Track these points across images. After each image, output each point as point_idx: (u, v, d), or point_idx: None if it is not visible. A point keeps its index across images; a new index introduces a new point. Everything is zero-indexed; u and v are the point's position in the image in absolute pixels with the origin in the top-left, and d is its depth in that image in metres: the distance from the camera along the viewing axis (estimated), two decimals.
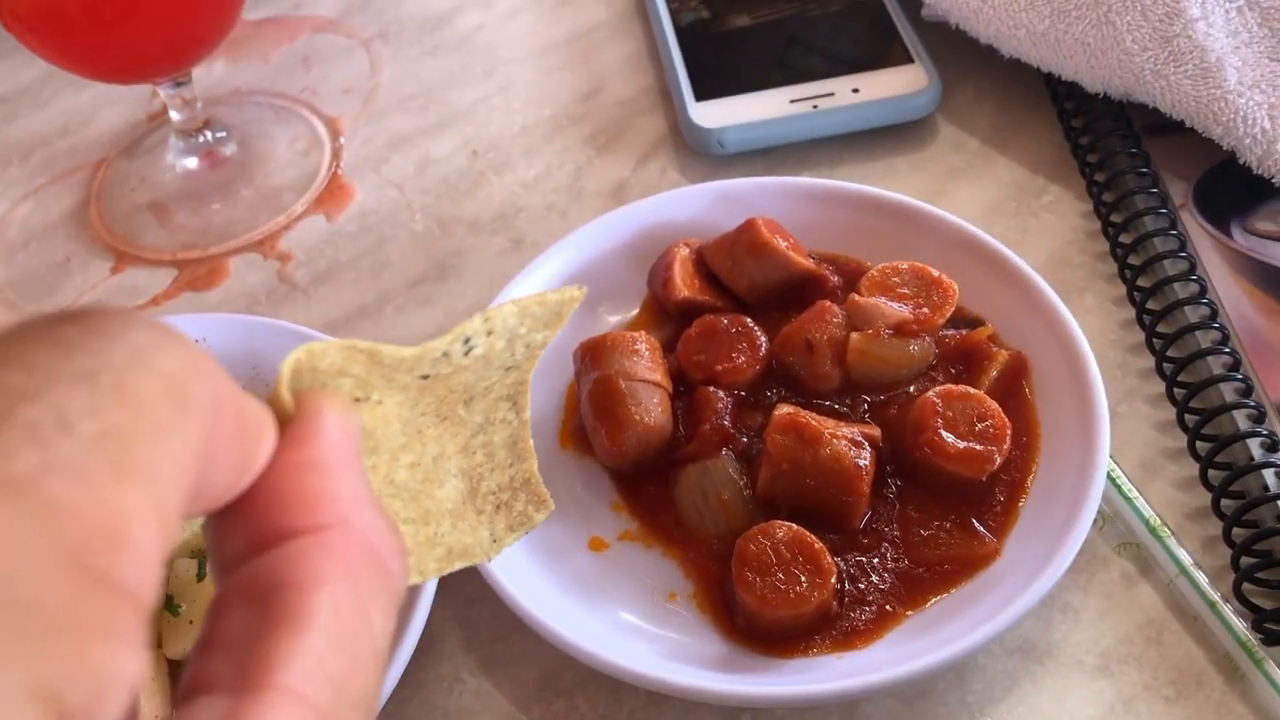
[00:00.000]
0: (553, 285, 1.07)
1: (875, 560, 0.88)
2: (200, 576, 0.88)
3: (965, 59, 1.27)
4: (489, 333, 0.54)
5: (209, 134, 1.27)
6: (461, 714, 0.87)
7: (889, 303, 0.97)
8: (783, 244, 1.02)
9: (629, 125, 1.30)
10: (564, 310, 0.57)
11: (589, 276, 1.08)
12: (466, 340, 0.53)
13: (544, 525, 0.90)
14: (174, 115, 1.25)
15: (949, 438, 0.88)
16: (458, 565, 0.58)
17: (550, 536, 0.92)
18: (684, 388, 0.98)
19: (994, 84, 1.28)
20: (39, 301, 1.20)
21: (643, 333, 0.98)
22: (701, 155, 1.24)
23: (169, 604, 0.88)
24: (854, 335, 0.95)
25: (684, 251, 1.05)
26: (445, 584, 0.90)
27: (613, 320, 1.07)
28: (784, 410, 0.91)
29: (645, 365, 0.96)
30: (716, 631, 0.86)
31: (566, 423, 1.01)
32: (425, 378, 0.53)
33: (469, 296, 1.15)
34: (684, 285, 1.02)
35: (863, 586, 0.87)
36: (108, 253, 1.24)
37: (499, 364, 0.57)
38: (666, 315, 1.05)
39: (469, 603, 0.91)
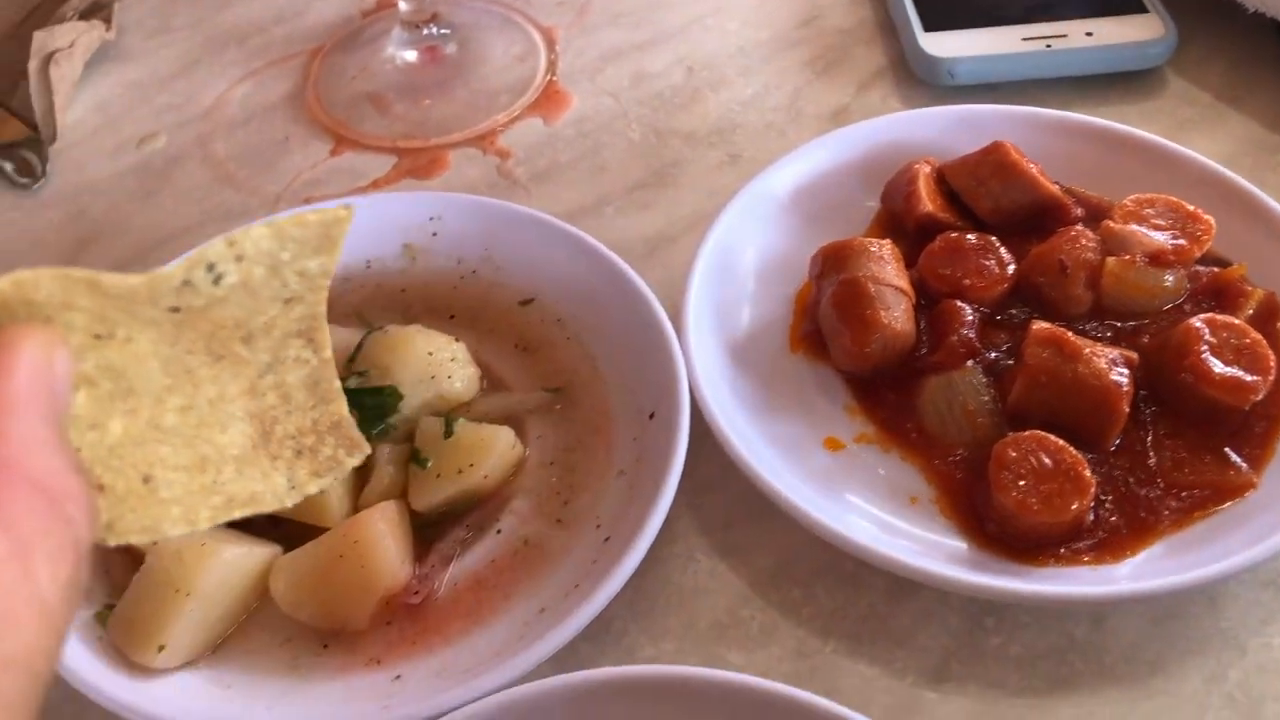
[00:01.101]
0: (779, 199, 1.07)
1: (1130, 480, 0.86)
2: (448, 434, 0.89)
3: (1199, 14, 1.25)
4: (239, 258, 0.51)
5: (433, 29, 1.29)
6: (696, 592, 0.87)
7: (1146, 231, 0.95)
8: (1032, 167, 1.01)
9: (847, 54, 1.29)
10: (333, 232, 0.54)
11: (815, 191, 1.08)
12: (211, 267, 0.50)
13: (777, 422, 0.92)
14: (403, 5, 1.26)
15: (1214, 363, 0.87)
16: (238, 514, 0.55)
17: (784, 433, 0.92)
18: (924, 301, 0.97)
19: (1228, 41, 1.25)
20: (260, 175, 1.22)
21: (888, 240, 0.98)
22: (926, 86, 1.23)
23: (416, 457, 0.89)
24: (1110, 260, 0.94)
25: (926, 169, 1.04)
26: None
27: (837, 236, 1.06)
28: (1042, 325, 0.90)
29: (892, 270, 0.95)
30: (961, 536, 0.85)
31: (796, 327, 1.00)
32: (176, 310, 0.50)
33: (688, 204, 1.15)
34: (929, 200, 1.01)
35: (1113, 504, 0.85)
36: (326, 135, 1.25)
37: (270, 295, 0.54)
38: (901, 232, 1.04)
39: (701, 490, 0.91)
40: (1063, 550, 0.83)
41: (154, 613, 0.80)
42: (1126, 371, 0.87)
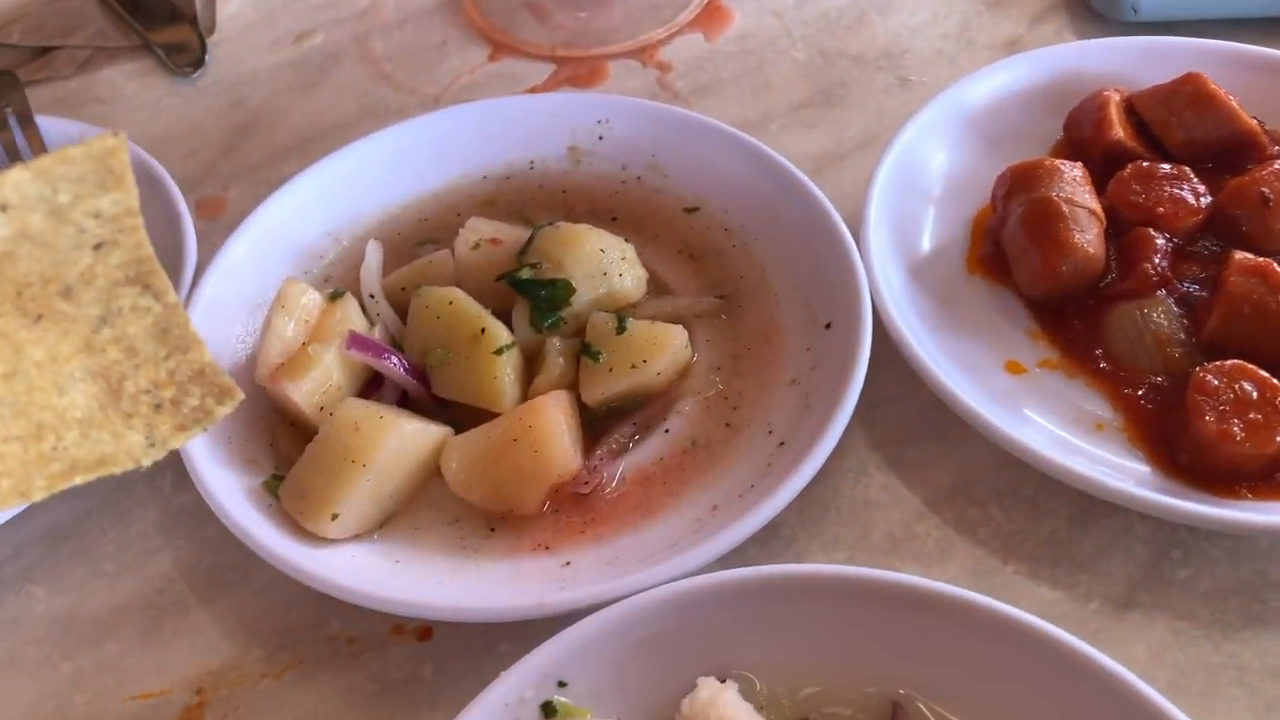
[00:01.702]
0: (959, 121, 1.04)
1: None
2: (620, 330, 0.87)
3: None
4: (2, 207, 0.47)
5: None
6: (869, 505, 0.85)
7: None
8: (1231, 99, 0.97)
9: None
10: (112, 164, 0.49)
11: (995, 115, 1.05)
12: None
13: (957, 342, 0.89)
14: None
15: None
16: (81, 479, 0.51)
17: (964, 353, 0.89)
18: (1112, 229, 0.93)
19: None
20: (418, 76, 1.21)
21: (1079, 163, 0.94)
22: (1102, 21, 1.19)
23: (588, 351, 0.87)
24: None
25: (1116, 96, 1.00)
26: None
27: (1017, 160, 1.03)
28: (1246, 256, 0.86)
29: (1086, 193, 0.92)
30: (1150, 464, 0.82)
31: (974, 249, 0.97)
32: None
33: (856, 125, 1.12)
34: (1120, 127, 0.98)
35: None
36: (484, 41, 1.24)
37: (70, 244, 0.50)
38: (1085, 161, 1.00)
39: (875, 404, 0.88)
40: (1261, 483, 0.80)
41: (328, 482, 0.80)
42: None
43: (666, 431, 0.87)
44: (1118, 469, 0.81)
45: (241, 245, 0.95)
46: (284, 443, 0.87)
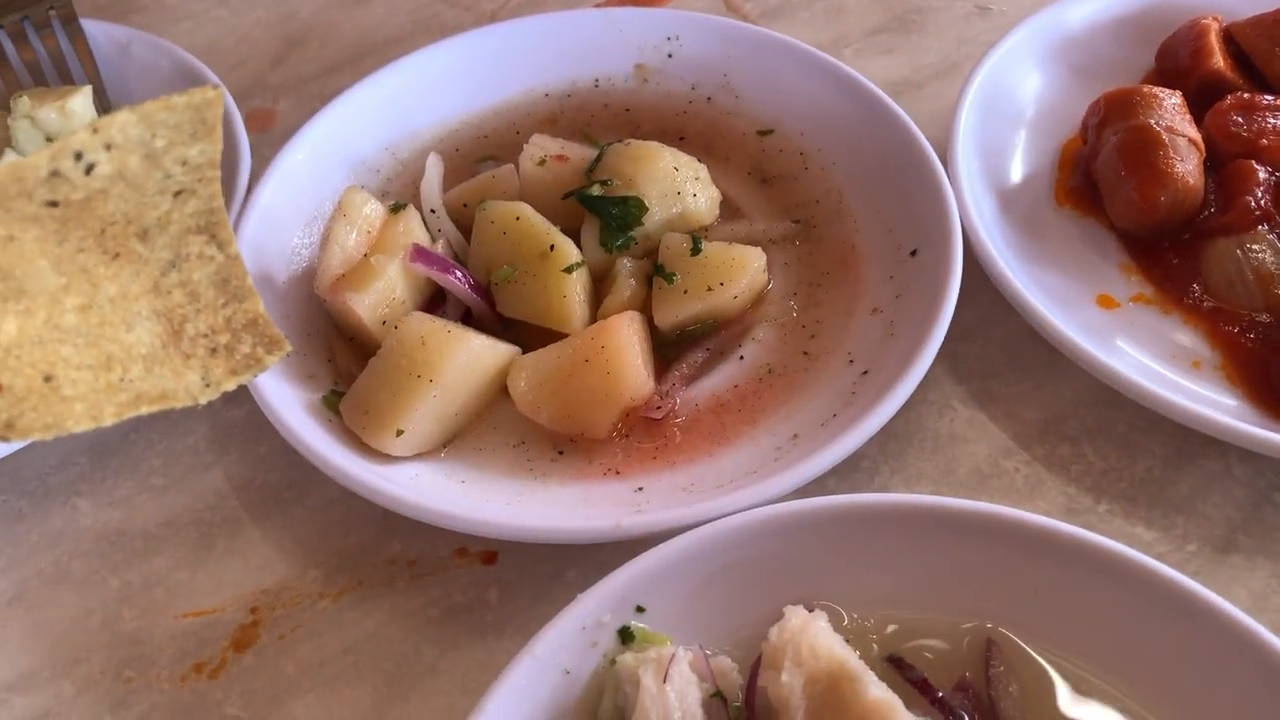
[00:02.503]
0: (1045, 49, 0.99)
1: None
2: (695, 251, 0.83)
3: None
4: (107, 146, 0.49)
5: None
6: (954, 439, 0.81)
7: None
8: None
9: None
10: (206, 115, 0.52)
11: (1082, 44, 1.00)
12: (79, 156, 0.48)
13: (1047, 275, 0.85)
14: None
15: None
16: (146, 410, 0.54)
17: (1054, 286, 0.85)
18: (1210, 161, 0.89)
19: None
20: None
21: (1178, 91, 0.90)
22: None
23: (662, 272, 0.83)
24: None
25: (1215, 25, 0.95)
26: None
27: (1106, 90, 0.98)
28: None
29: (1185, 121, 0.87)
30: (1249, 404, 0.78)
31: (1063, 181, 0.93)
32: (54, 204, 0.49)
33: (934, 52, 1.07)
34: (1220, 55, 0.93)
35: None
36: None
37: (156, 188, 0.52)
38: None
39: (959, 337, 0.84)
40: None
41: (393, 397, 0.76)
42: None
43: (741, 358, 0.83)
44: (1216, 406, 0.77)
45: (297, 155, 0.91)
46: (342, 358, 0.83)
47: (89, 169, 0.49)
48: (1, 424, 0.52)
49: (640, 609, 0.66)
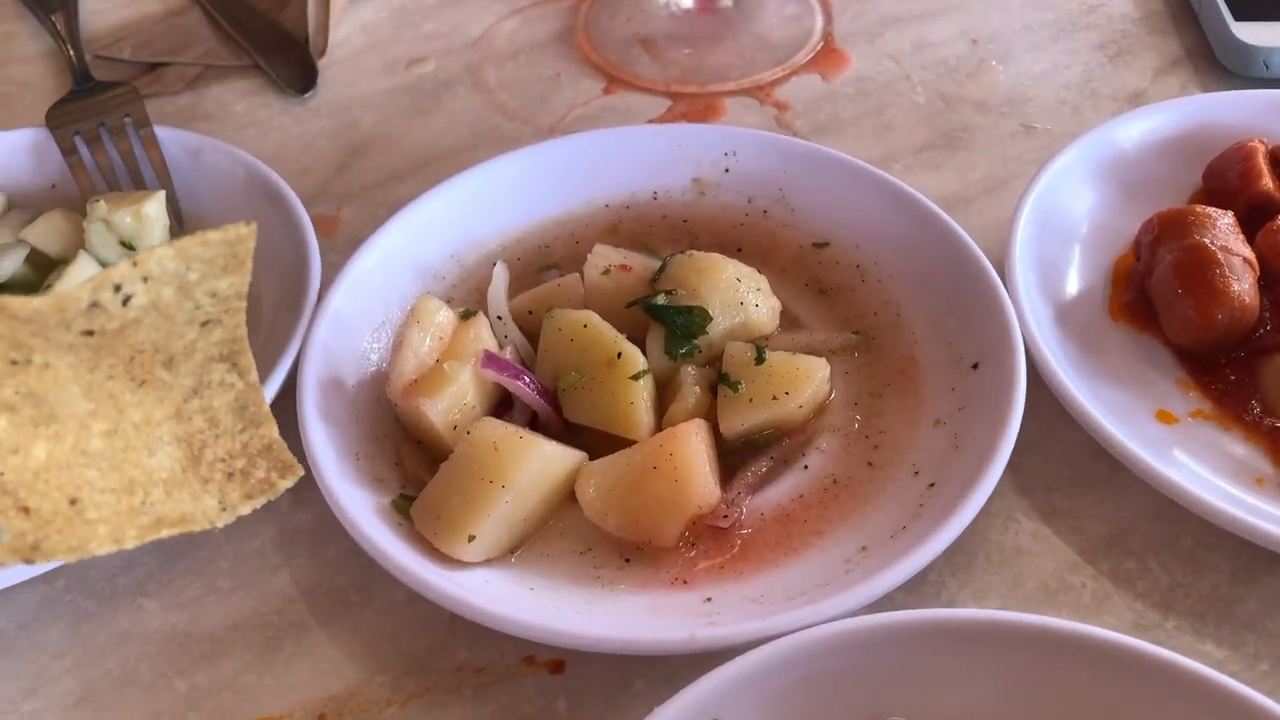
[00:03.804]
0: (1095, 169, 1.01)
1: None
2: (759, 361, 0.85)
3: None
4: (145, 279, 0.51)
5: None
6: (1019, 553, 0.81)
7: None
8: None
9: (1139, 41, 1.23)
10: (238, 250, 0.54)
11: (1131, 164, 1.02)
12: (118, 289, 0.50)
13: (1105, 389, 0.86)
14: None
15: None
16: (166, 533, 0.57)
17: (1113, 401, 0.85)
18: (1264, 280, 0.90)
19: None
20: (532, 106, 1.20)
21: (1230, 211, 0.92)
22: (1231, 76, 1.17)
23: (726, 380, 0.84)
24: None
25: (1262, 147, 0.98)
26: None
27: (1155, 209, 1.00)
28: None
29: (1239, 240, 0.89)
30: None
31: (1116, 297, 0.94)
32: (90, 334, 0.50)
33: (981, 169, 1.10)
34: (1270, 177, 0.95)
35: None
36: (598, 75, 1.23)
37: (185, 318, 0.54)
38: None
39: (1021, 448, 0.84)
40: None
41: (465, 502, 0.77)
42: None
43: (805, 468, 0.84)
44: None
45: (367, 262, 0.93)
46: (410, 462, 0.84)
47: (126, 300, 0.51)
48: (28, 546, 0.53)
49: None
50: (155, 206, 0.98)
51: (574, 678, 0.76)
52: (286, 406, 0.83)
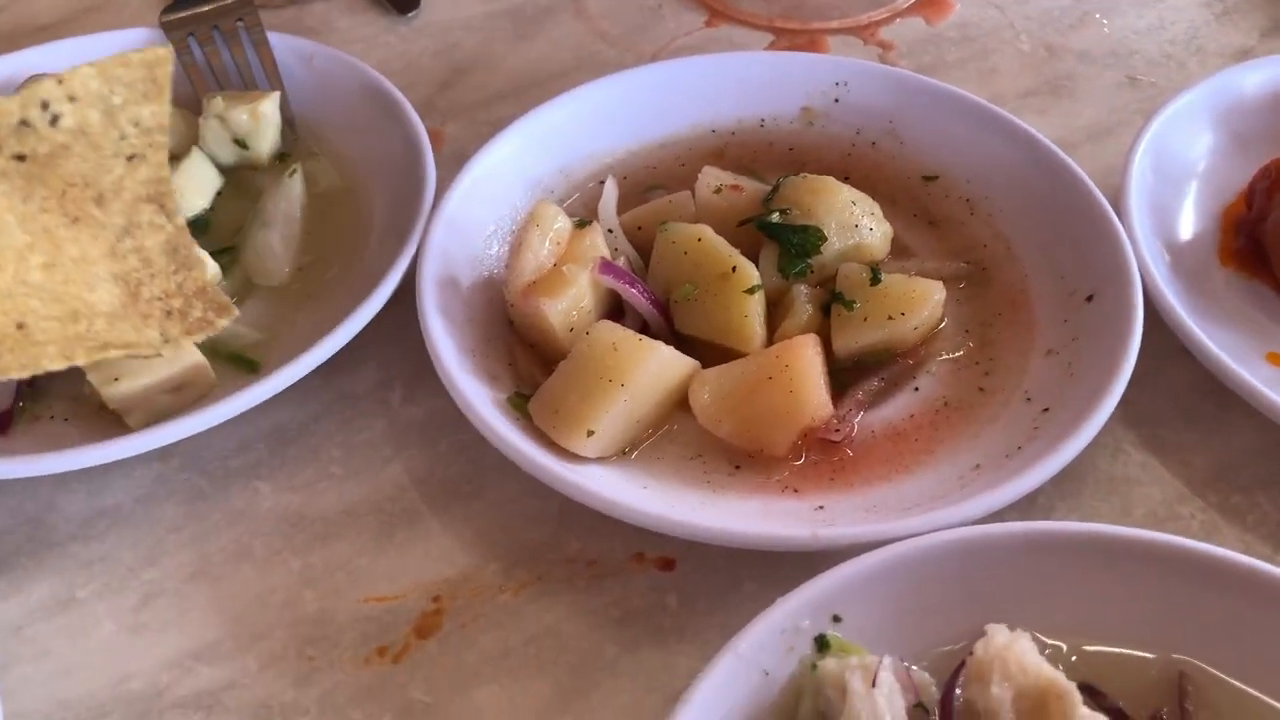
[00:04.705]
0: (1207, 117, 1.00)
1: None
2: (874, 281, 0.85)
3: None
4: (71, 98, 0.52)
5: None
6: (1128, 482, 0.81)
7: None
8: None
9: (1246, 1, 1.22)
10: (157, 74, 0.55)
11: (1244, 114, 1.01)
12: (45, 105, 0.51)
13: (1216, 329, 0.86)
14: None
15: None
16: (114, 354, 0.58)
17: (1224, 340, 0.85)
18: None
19: None
20: (633, 35, 1.20)
21: None
22: None
23: (841, 299, 0.85)
24: None
25: None
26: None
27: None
28: None
29: None
30: None
31: (1227, 243, 0.94)
32: (21, 158, 0.51)
33: (1085, 116, 1.10)
34: None
35: None
36: (700, 7, 1.23)
37: (111, 149, 0.55)
38: None
39: (1128, 383, 0.85)
40: None
41: (584, 398, 0.77)
42: None
43: (916, 389, 0.84)
44: None
45: (480, 170, 0.94)
46: (524, 362, 0.85)
47: (54, 120, 0.52)
48: None
49: (837, 618, 0.66)
50: (270, 106, 0.99)
51: (684, 576, 0.76)
52: (405, 303, 0.84)
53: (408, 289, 0.85)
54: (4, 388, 0.82)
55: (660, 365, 0.79)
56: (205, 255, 0.63)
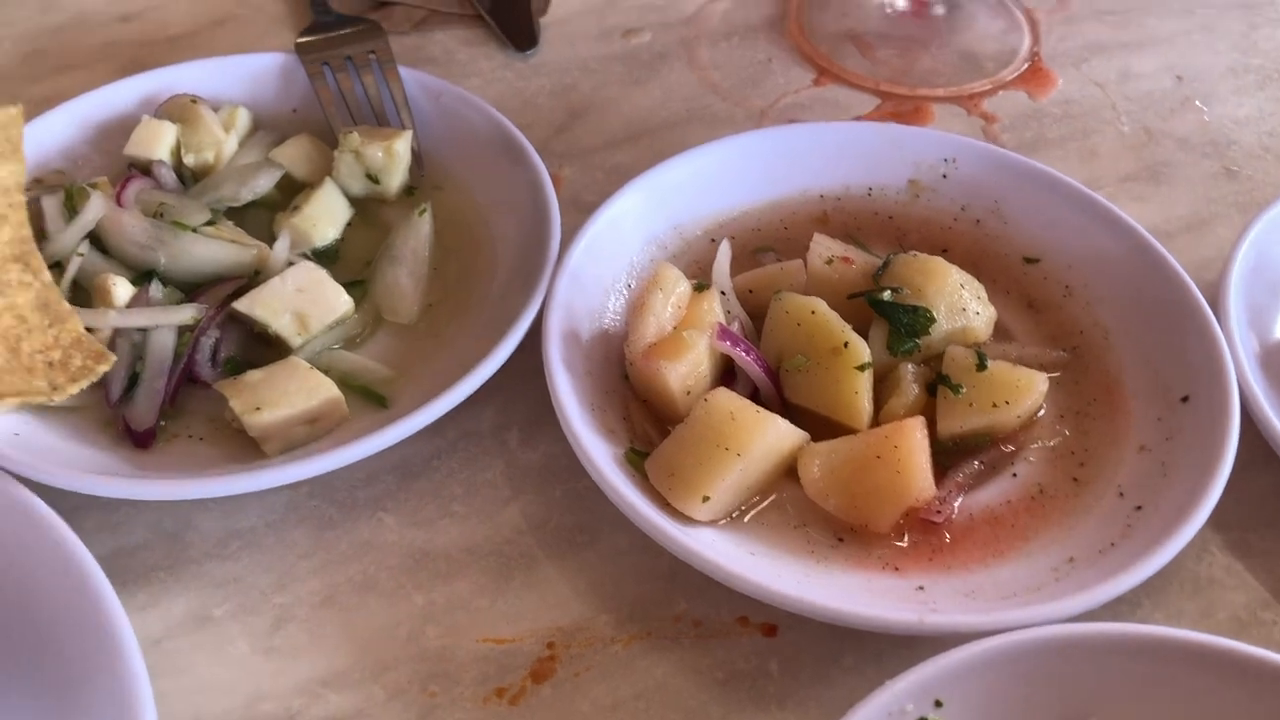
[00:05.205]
0: None
1: None
2: (981, 367, 0.88)
3: None
4: None
5: None
6: (1212, 584, 0.85)
7: None
8: None
9: None
10: (11, 133, 0.58)
11: None
12: None
13: None
14: None
15: None
16: (13, 403, 0.62)
17: None
18: None
19: None
20: (744, 89, 1.23)
21: None
22: None
23: (948, 382, 0.88)
24: None
25: None
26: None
27: None
28: None
29: None
30: None
31: None
32: None
33: (1183, 206, 1.13)
34: None
35: None
36: (808, 65, 1.26)
37: None
38: None
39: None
40: None
41: (701, 465, 0.81)
42: None
43: (1014, 475, 0.88)
44: None
45: (602, 224, 0.98)
46: (638, 418, 0.89)
47: None
48: None
49: (939, 703, 0.70)
50: (404, 144, 1.03)
51: (786, 643, 0.80)
52: (523, 346, 0.88)
53: (534, 338, 0.89)
54: (149, 406, 0.87)
55: (775, 437, 0.83)
56: (69, 310, 0.67)
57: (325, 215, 1.00)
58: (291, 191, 1.04)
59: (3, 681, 0.72)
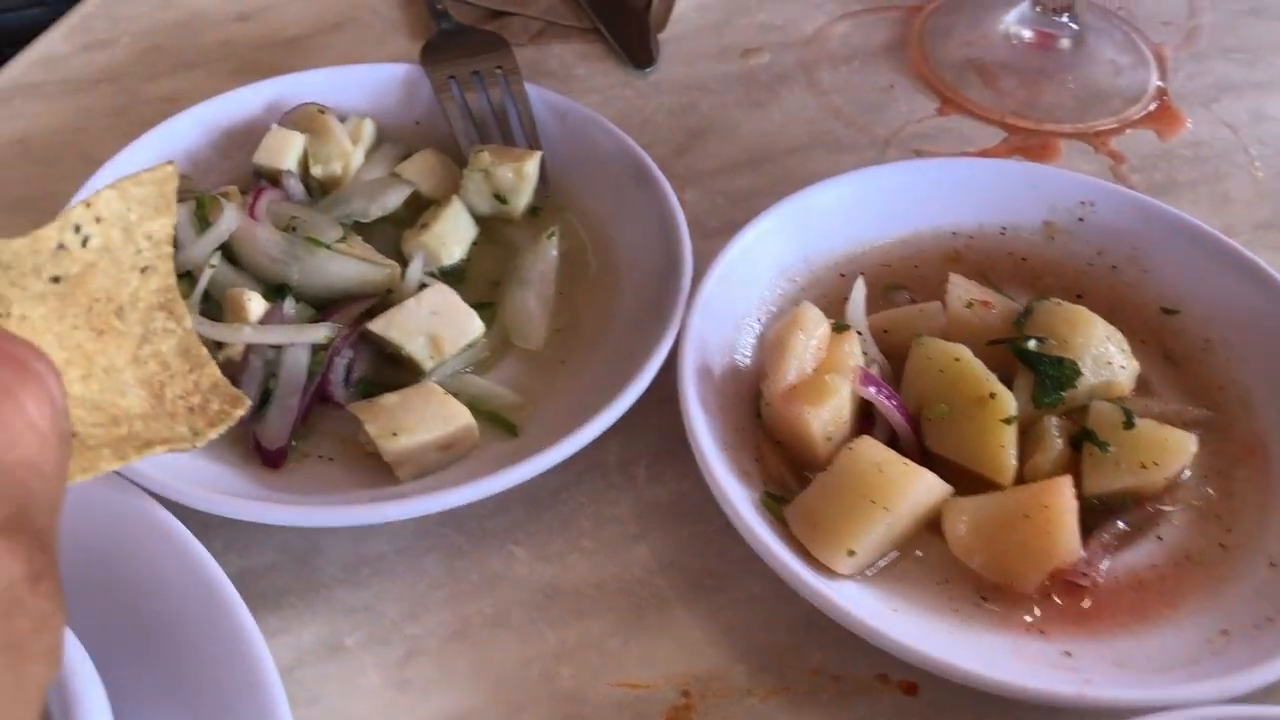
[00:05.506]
0: None
1: None
2: (1128, 425, 0.86)
3: None
4: (97, 219, 0.55)
5: (1065, 18, 1.26)
6: None
7: None
8: None
9: None
10: (165, 189, 0.58)
11: None
12: (77, 229, 0.55)
13: None
14: None
15: None
16: (159, 451, 0.60)
17: None
18: None
19: None
20: (866, 115, 1.21)
21: None
22: None
23: (1094, 439, 0.86)
24: None
25: None
26: None
27: None
28: None
29: None
30: None
31: None
32: (57, 281, 0.55)
33: None
34: None
35: None
36: (931, 93, 1.24)
37: (129, 263, 0.58)
38: None
39: None
40: None
41: (846, 516, 0.80)
42: None
43: (1159, 539, 0.85)
44: None
45: (734, 255, 0.96)
46: (771, 460, 0.87)
47: (85, 241, 0.56)
48: None
49: None
50: (533, 165, 1.02)
51: (927, 703, 0.78)
52: (657, 381, 0.87)
53: (669, 370, 0.87)
54: (281, 425, 0.87)
55: (925, 492, 0.81)
56: (207, 355, 0.65)
57: (453, 234, 0.99)
58: (416, 207, 1.03)
59: (149, 707, 0.71)
